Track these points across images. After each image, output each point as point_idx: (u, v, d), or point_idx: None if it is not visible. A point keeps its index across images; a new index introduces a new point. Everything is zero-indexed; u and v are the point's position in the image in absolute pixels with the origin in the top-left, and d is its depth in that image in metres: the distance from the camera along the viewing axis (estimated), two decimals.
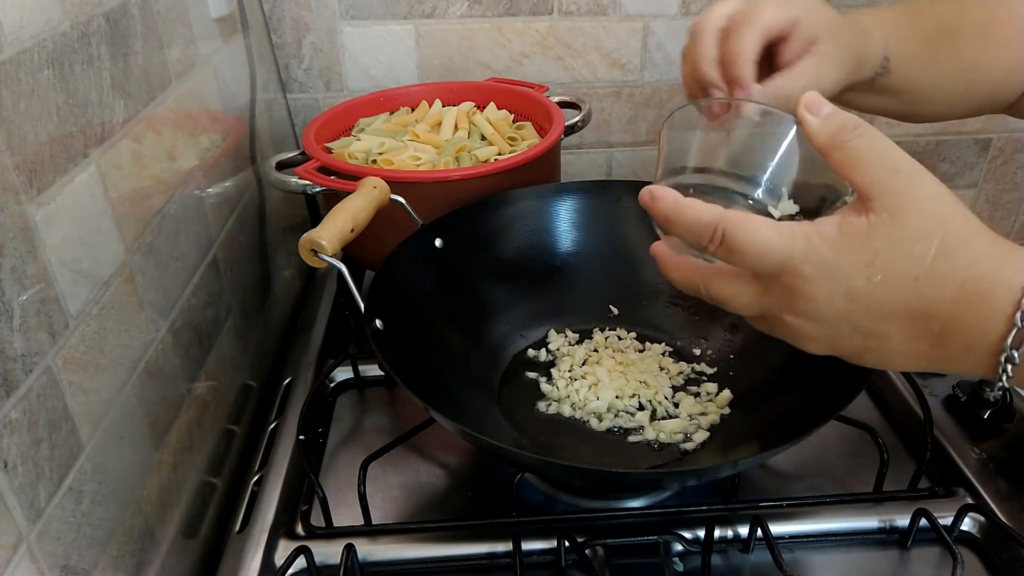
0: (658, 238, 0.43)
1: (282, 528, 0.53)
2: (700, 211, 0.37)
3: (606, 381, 0.62)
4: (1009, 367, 0.34)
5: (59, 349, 0.40)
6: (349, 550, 0.50)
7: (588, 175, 1.03)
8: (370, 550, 0.51)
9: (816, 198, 0.41)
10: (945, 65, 0.56)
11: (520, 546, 0.50)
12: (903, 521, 0.52)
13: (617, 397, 0.61)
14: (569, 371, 0.64)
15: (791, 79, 0.48)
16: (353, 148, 0.75)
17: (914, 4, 0.56)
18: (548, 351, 0.67)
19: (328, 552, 0.50)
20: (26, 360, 0.38)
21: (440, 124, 0.81)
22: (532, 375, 0.65)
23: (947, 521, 0.51)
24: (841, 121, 0.36)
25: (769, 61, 0.50)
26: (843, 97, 0.54)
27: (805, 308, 0.37)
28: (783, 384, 0.59)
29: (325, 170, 0.69)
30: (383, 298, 0.56)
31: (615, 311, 0.71)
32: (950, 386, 0.64)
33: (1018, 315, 0.34)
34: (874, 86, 0.55)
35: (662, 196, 0.39)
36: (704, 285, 0.40)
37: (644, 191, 0.40)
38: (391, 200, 0.61)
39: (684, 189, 0.40)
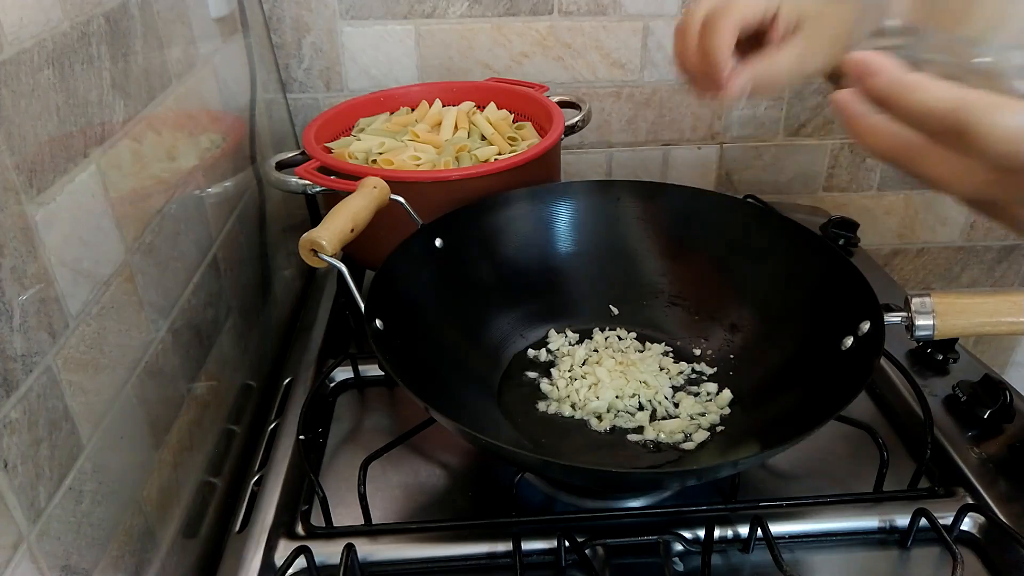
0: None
1: (282, 528, 0.53)
2: (934, 94, 0.30)
3: (606, 381, 0.62)
4: None
5: (59, 349, 0.40)
6: (349, 550, 0.50)
7: (588, 175, 1.03)
8: (370, 550, 0.51)
9: None
10: None
11: (520, 546, 0.50)
12: (903, 521, 0.52)
13: (617, 397, 0.61)
14: (569, 371, 0.64)
15: (769, 64, 0.50)
16: (353, 148, 0.75)
17: None
18: (548, 351, 0.67)
19: (328, 552, 0.50)
20: (26, 360, 0.38)
21: (440, 124, 0.81)
22: (532, 375, 0.65)
23: (947, 521, 0.51)
24: None
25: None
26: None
27: None
28: (783, 384, 0.59)
29: (325, 170, 0.69)
30: (383, 298, 0.56)
31: (615, 311, 0.71)
32: (950, 386, 0.64)
33: None
34: None
35: (881, 69, 0.31)
36: (914, 163, 0.33)
37: (855, 60, 0.32)
38: (391, 200, 0.61)
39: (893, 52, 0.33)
